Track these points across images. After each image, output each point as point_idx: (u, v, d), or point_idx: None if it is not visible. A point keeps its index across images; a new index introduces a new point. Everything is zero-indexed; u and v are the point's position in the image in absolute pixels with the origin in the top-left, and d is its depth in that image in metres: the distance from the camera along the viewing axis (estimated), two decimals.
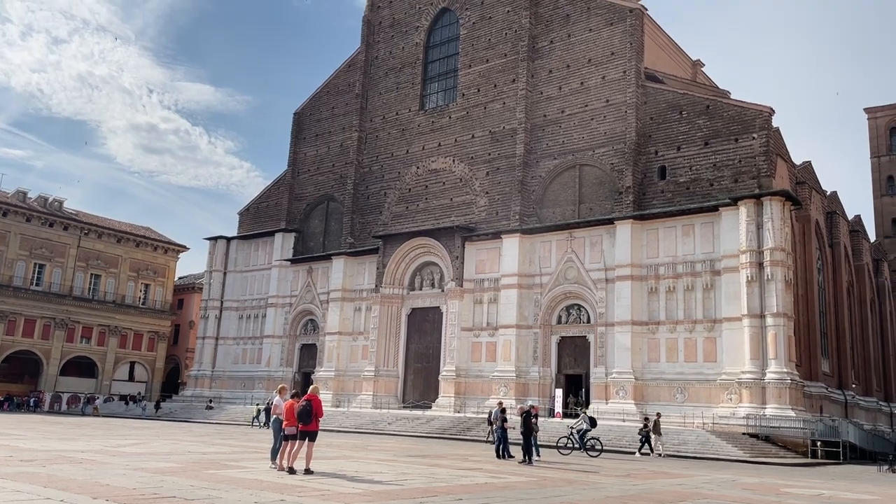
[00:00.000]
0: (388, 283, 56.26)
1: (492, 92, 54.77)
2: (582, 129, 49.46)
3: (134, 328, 77.17)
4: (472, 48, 56.90)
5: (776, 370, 38.04)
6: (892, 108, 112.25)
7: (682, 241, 43.54)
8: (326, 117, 66.53)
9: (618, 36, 49.25)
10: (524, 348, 48.27)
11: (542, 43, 53.03)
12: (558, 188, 50.02)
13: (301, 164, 67.44)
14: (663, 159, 45.85)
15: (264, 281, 66.01)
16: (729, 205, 41.45)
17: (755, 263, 39.76)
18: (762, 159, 42.05)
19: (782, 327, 38.68)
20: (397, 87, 61.49)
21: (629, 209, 45.38)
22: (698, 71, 73.38)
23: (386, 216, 58.99)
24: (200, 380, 66.40)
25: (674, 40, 68.79)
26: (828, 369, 48.87)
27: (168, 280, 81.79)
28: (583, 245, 47.20)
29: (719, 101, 45.62)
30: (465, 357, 50.80)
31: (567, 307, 47.92)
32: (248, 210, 70.77)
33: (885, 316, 63.91)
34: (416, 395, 54.09)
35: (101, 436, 29.95)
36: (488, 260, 51.44)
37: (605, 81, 49.09)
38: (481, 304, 51.20)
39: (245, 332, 66.59)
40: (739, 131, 43.21)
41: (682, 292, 42.96)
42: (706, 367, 41.22)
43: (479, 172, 53.93)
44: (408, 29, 62.01)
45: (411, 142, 58.97)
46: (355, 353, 57.88)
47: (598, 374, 44.47)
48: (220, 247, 69.18)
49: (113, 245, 76.46)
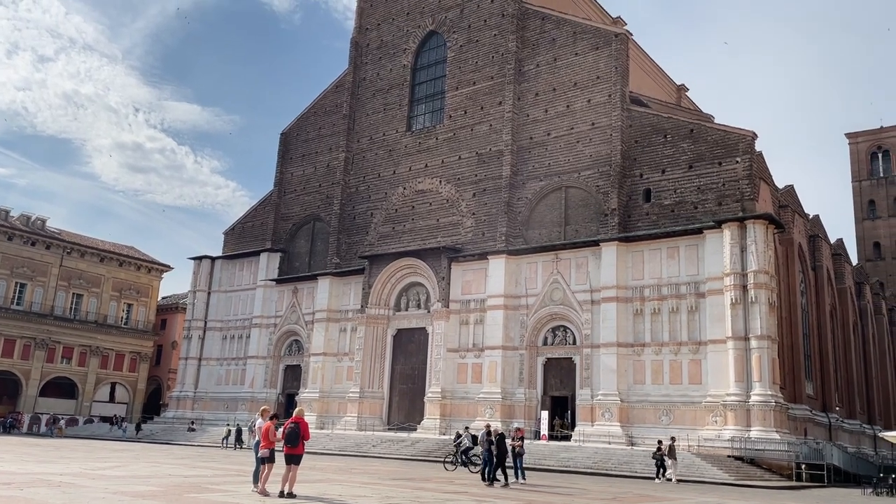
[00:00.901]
0: (374, 303, 56.02)
1: (478, 114, 55.11)
2: (568, 151, 49.80)
3: (116, 349, 76.18)
4: (459, 70, 57.32)
5: (761, 392, 38.12)
6: (873, 133, 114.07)
7: (666, 264, 43.75)
8: (313, 137, 66.60)
9: (603, 60, 49.81)
10: (510, 370, 48.11)
11: (529, 66, 53.52)
12: (544, 210, 50.22)
13: (287, 183, 67.34)
14: (648, 182, 46.20)
15: (249, 301, 65.52)
16: (713, 227, 41.75)
17: (739, 286, 39.99)
18: (745, 183, 42.48)
19: (766, 350, 38.82)
20: (384, 109, 61.73)
21: (614, 231, 45.60)
22: (682, 95, 74.46)
23: (372, 236, 58.91)
24: (183, 401, 65.56)
25: (658, 65, 69.87)
26: (812, 392, 49.06)
27: (151, 300, 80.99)
28: (569, 266, 47.30)
29: (703, 125, 46.14)
30: (451, 378, 50.54)
31: (553, 328, 47.90)
32: (234, 230, 70.45)
33: (868, 339, 64.37)
34: (401, 416, 53.66)
35: (81, 458, 29.41)
36: (474, 281, 51.40)
37: (591, 105, 49.54)
38: (467, 325, 51.07)
39: (229, 352, 65.95)
40: (723, 155, 43.67)
41: (667, 314, 43.08)
42: (691, 390, 41.23)
43: (465, 193, 54.07)
44: (395, 51, 62.42)
45: (398, 162, 59.10)
46: (340, 374, 57.44)
47: (584, 396, 44.36)
48: (204, 266, 68.70)
49: (96, 264, 75.70)
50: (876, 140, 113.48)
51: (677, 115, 49.66)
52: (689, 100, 75.30)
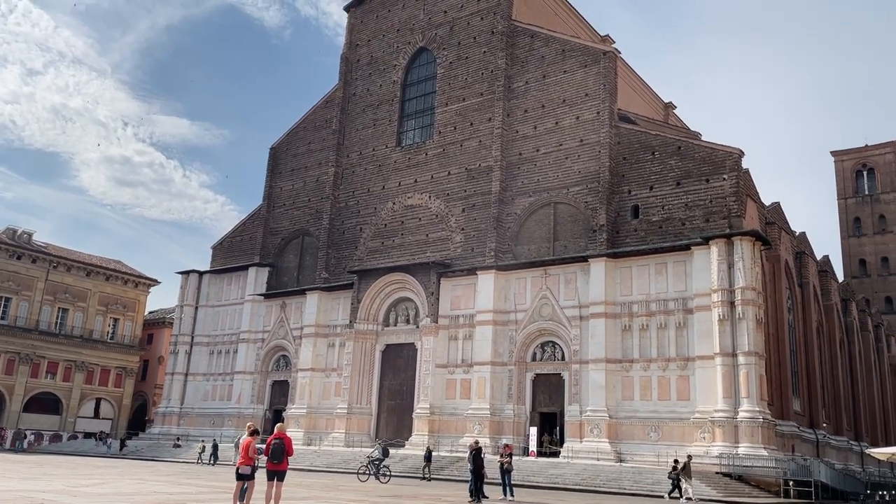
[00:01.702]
0: (363, 318, 55.85)
1: (468, 130, 55.34)
2: (557, 167, 50.05)
3: (101, 364, 75.47)
4: (449, 87, 57.61)
5: (748, 409, 38.19)
6: (858, 151, 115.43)
7: (655, 280, 43.91)
8: (303, 152, 66.62)
9: (592, 78, 50.21)
10: (499, 385, 47.99)
11: (518, 83, 53.87)
12: (533, 225, 50.36)
13: (276, 198, 67.24)
14: (636, 198, 46.46)
15: (236, 316, 65.13)
16: (701, 244, 41.99)
17: (727, 302, 40.18)
18: (732, 200, 42.80)
19: (754, 366, 38.95)
20: (374, 124, 61.89)
21: (603, 247, 45.77)
22: (670, 113, 75.15)
23: (361, 251, 58.83)
24: (168, 417, 64.92)
25: (646, 83, 70.52)
26: (799, 408, 49.21)
27: (138, 314, 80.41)
28: (557, 282, 47.38)
29: (690, 143, 46.53)
30: (440, 394, 50.34)
31: (542, 344, 47.88)
32: (222, 244, 70.17)
33: (854, 355, 64.71)
34: (389, 433, 53.33)
35: (64, 475, 29.02)
36: (463, 296, 51.38)
37: (580, 122, 49.88)
38: (456, 340, 50.97)
39: (215, 367, 65.44)
40: (710, 172, 44.02)
41: (655, 330, 43.18)
42: (679, 406, 41.26)
43: (454, 209, 54.17)
44: (385, 67, 62.69)
45: (388, 178, 59.18)
46: (328, 389, 57.09)
47: (573, 413, 44.28)
48: (192, 281, 68.31)
49: (82, 278, 75.15)
50: (861, 158, 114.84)
51: (665, 132, 50.07)
52: (676, 117, 75.98)
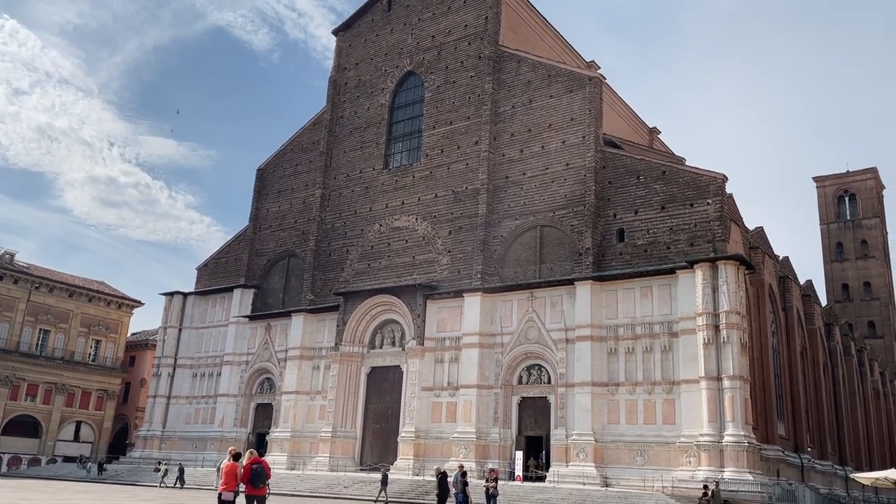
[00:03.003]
0: (348, 340, 55.54)
1: (455, 153, 55.62)
2: (543, 191, 50.35)
3: (82, 386, 74.42)
4: (437, 110, 57.98)
5: (733, 433, 38.20)
6: (839, 177, 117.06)
7: (640, 303, 44.06)
8: (290, 174, 66.61)
9: (577, 103, 50.74)
10: (485, 409, 47.76)
11: (505, 107, 54.32)
12: (520, 248, 50.50)
13: (263, 219, 67.06)
14: (622, 222, 46.76)
15: (221, 338, 64.54)
16: (685, 268, 42.25)
17: (711, 326, 40.35)
18: (717, 224, 43.18)
19: (739, 390, 39.04)
20: (362, 146, 62.07)
21: (589, 270, 45.93)
22: (655, 138, 75.96)
23: (348, 273, 58.67)
24: (150, 440, 63.93)
25: (631, 108, 71.36)
26: (784, 432, 49.29)
27: (120, 336, 79.53)
28: (544, 305, 47.43)
29: (675, 168, 47.00)
30: (425, 418, 49.99)
31: (528, 367, 47.77)
32: (207, 265, 69.73)
33: (838, 380, 65.01)
34: (374, 457, 52.82)
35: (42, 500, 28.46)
36: (450, 318, 51.26)
37: (566, 146, 50.29)
38: (442, 363, 50.75)
39: (199, 390, 64.67)
40: (694, 197, 44.44)
41: (640, 353, 43.23)
42: (665, 430, 41.21)
43: (441, 231, 54.25)
44: (373, 90, 63.05)
45: (375, 200, 59.25)
46: (312, 413, 56.53)
47: (559, 436, 44.10)
48: (176, 302, 67.71)
49: (64, 300, 74.33)
50: (842, 184, 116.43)
51: (650, 157, 50.56)
52: (661, 142, 76.79)
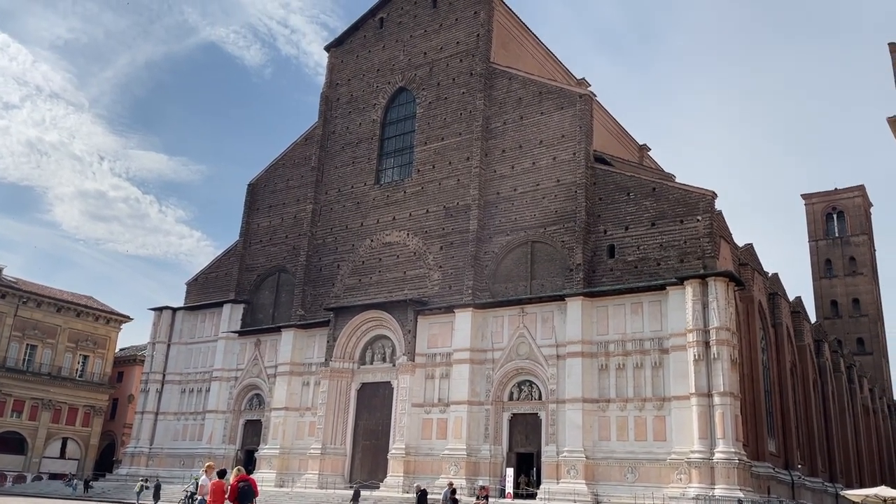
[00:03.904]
0: (339, 356, 55.24)
1: (446, 169, 55.75)
2: (534, 206, 50.48)
3: (69, 402, 73.65)
4: (428, 126, 58.18)
5: (724, 450, 38.15)
6: (827, 194, 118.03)
7: (630, 319, 44.09)
8: (281, 189, 66.54)
9: (568, 120, 51.04)
10: (475, 425, 47.51)
11: (496, 124, 54.58)
12: (511, 264, 50.53)
13: (253, 234, 66.87)
14: (612, 238, 46.91)
15: (210, 353, 64.07)
16: (675, 284, 42.36)
17: (702, 342, 40.40)
18: (706, 241, 43.37)
19: (729, 406, 39.03)
20: (353, 162, 62.14)
21: (580, 286, 45.97)
22: (645, 154, 76.40)
23: (338, 288, 58.49)
24: (137, 457, 63.20)
25: (621, 125, 71.80)
26: (774, 449, 49.26)
27: (108, 352, 78.85)
28: (535, 321, 47.37)
29: (665, 184, 47.25)
30: (416, 434, 49.68)
31: (519, 383, 47.63)
32: (197, 280, 69.36)
33: (828, 396, 65.14)
34: (364, 474, 52.40)
35: None
36: (441, 334, 51.11)
37: (556, 162, 50.52)
38: (433, 379, 50.52)
39: (187, 406, 64.06)
40: (684, 213, 44.65)
41: (631, 370, 43.20)
42: (656, 446, 41.10)
43: (432, 247, 54.24)
44: (365, 106, 63.23)
45: (366, 215, 59.23)
46: (302, 429, 56.08)
47: (550, 453, 43.88)
48: (165, 317, 67.23)
49: (52, 314, 73.74)
50: (830, 202, 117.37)
51: (640, 173, 50.84)
52: (651, 159, 77.24)
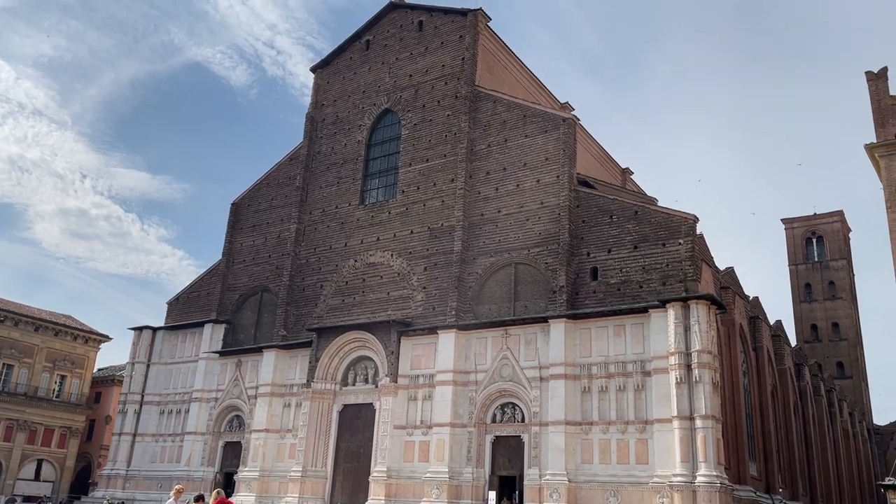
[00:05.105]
0: (321, 377, 54.82)
1: (431, 190, 55.92)
2: (518, 228, 50.69)
3: (45, 423, 72.35)
4: (413, 148, 58.42)
5: (706, 473, 38.15)
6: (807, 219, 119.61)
7: (613, 341, 44.19)
8: (265, 208, 66.36)
9: (552, 143, 51.48)
10: (458, 448, 47.20)
11: (481, 146, 54.92)
12: (494, 285, 50.59)
13: (236, 254, 66.50)
14: (595, 260, 47.16)
15: (190, 374, 63.28)
16: (658, 307, 42.57)
17: (684, 365, 40.53)
18: (688, 264, 43.72)
19: (711, 430, 39.09)
20: (338, 182, 62.16)
21: (563, 308, 46.08)
22: (627, 178, 77.15)
23: (321, 309, 58.20)
24: (113, 480, 62.03)
25: (605, 149, 72.53)
26: (756, 473, 49.35)
27: (86, 371, 77.72)
28: (518, 342, 47.35)
29: (647, 208, 47.68)
30: (398, 457, 49.25)
31: (502, 405, 47.47)
32: (178, 300, 68.72)
33: (808, 420, 65.52)
34: (344, 497, 51.78)
35: None
36: (424, 355, 50.91)
37: (540, 185, 50.84)
38: (415, 400, 50.22)
39: (166, 428, 63.10)
40: (666, 237, 45.02)
41: (614, 392, 43.20)
42: (638, 470, 41.02)
43: (416, 267, 54.22)
44: (350, 127, 63.43)
45: (350, 235, 59.16)
46: (282, 451, 55.42)
47: (532, 476, 43.64)
48: (144, 337, 66.43)
49: (30, 333, 72.66)
50: (810, 226, 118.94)
51: (623, 197, 51.27)
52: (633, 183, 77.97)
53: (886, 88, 39.15)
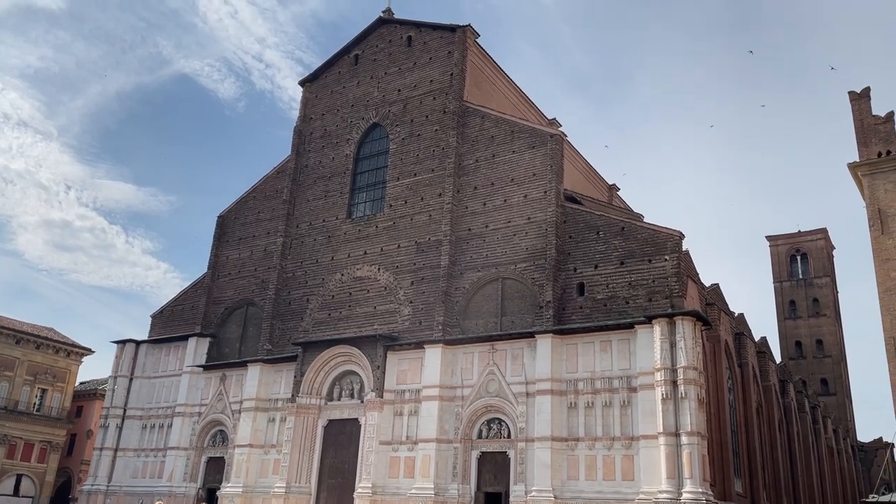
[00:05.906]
0: (306, 392, 54.38)
1: (419, 204, 55.93)
2: (505, 243, 50.74)
3: (25, 437, 71.27)
4: (401, 162, 58.47)
5: (692, 490, 38.08)
6: (791, 236, 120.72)
7: (600, 357, 44.20)
8: (252, 221, 66.08)
9: (539, 158, 51.69)
10: (444, 464, 46.90)
11: (468, 161, 55.07)
12: (481, 300, 50.53)
13: (222, 267, 66.09)
14: (582, 276, 47.24)
15: (173, 388, 62.60)
16: (644, 323, 42.65)
17: (669, 381, 40.56)
18: (674, 280, 43.89)
19: (696, 446, 39.08)
20: (325, 195, 62.06)
21: (549, 323, 46.07)
22: (614, 194, 77.61)
23: (307, 323, 57.87)
24: (94, 496, 61.06)
25: (591, 165, 72.94)
26: (741, 489, 49.37)
27: (68, 385, 76.74)
28: (504, 357, 47.24)
29: (633, 224, 47.90)
30: (383, 473, 48.84)
31: (488, 421, 47.26)
32: (162, 313, 68.13)
33: (793, 436, 65.73)
34: None
35: None
36: (410, 370, 50.67)
37: (527, 200, 50.99)
38: (401, 416, 49.90)
39: (148, 443, 62.31)
40: (652, 253, 45.22)
41: (600, 408, 43.14)
42: (624, 486, 40.90)
43: (403, 282, 54.09)
44: (338, 140, 63.43)
45: (337, 249, 58.98)
46: (266, 467, 54.83)
47: (518, 493, 43.40)
48: (128, 351, 65.70)
49: (11, 346, 71.70)
50: (794, 244, 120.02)
51: (609, 213, 51.50)
52: (620, 199, 78.42)
53: (869, 108, 39.73)
